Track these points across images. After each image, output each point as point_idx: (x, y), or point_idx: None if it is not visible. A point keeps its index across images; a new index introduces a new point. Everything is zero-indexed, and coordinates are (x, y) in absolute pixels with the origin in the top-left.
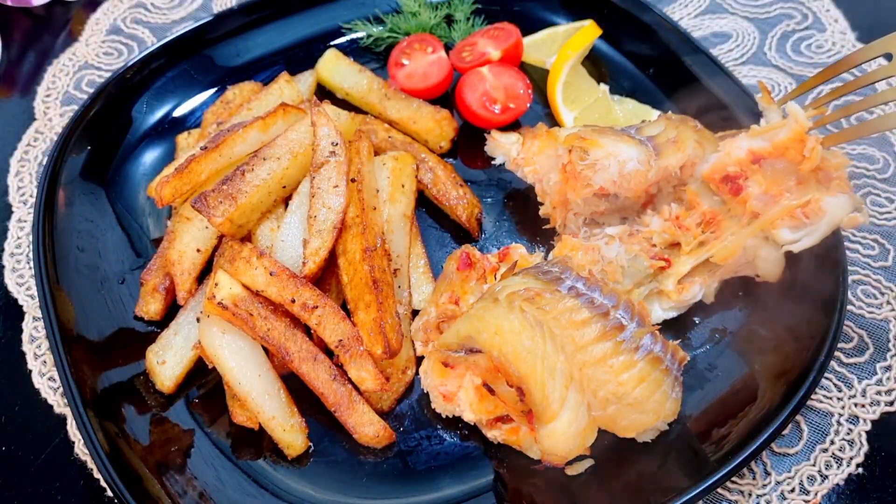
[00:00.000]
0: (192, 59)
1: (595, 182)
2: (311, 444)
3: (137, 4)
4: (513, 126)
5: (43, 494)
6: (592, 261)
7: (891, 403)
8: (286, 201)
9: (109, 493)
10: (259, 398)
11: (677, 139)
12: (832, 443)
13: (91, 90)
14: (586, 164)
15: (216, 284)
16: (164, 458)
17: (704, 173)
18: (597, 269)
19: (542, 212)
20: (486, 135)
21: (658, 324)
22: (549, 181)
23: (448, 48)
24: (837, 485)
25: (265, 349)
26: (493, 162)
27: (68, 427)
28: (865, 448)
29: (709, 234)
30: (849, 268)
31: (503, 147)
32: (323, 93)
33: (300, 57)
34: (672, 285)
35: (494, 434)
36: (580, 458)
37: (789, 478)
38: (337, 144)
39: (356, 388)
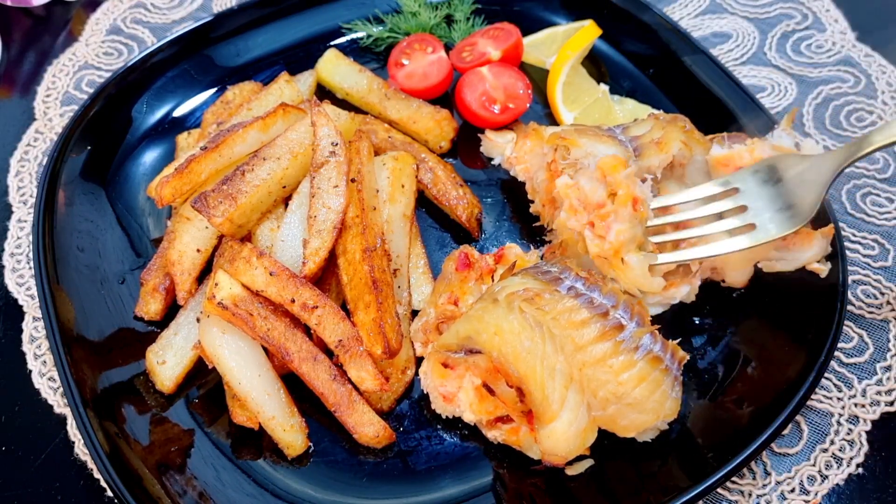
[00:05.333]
0: (192, 59)
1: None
2: (311, 444)
3: (137, 4)
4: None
5: (43, 494)
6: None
7: (891, 403)
8: (286, 201)
9: (109, 493)
10: (259, 398)
11: (662, 140)
12: (832, 443)
13: (91, 90)
14: (567, 162)
15: (216, 284)
16: (164, 458)
17: (717, 157)
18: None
19: (532, 209)
20: (479, 135)
21: (657, 323)
22: (538, 179)
23: (448, 48)
24: (837, 485)
25: (265, 349)
26: (492, 162)
27: (68, 427)
28: (865, 448)
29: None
30: (849, 268)
31: (498, 146)
32: (323, 93)
33: (300, 57)
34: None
35: (494, 434)
36: (580, 458)
37: (789, 478)
38: (337, 144)
39: (356, 388)
